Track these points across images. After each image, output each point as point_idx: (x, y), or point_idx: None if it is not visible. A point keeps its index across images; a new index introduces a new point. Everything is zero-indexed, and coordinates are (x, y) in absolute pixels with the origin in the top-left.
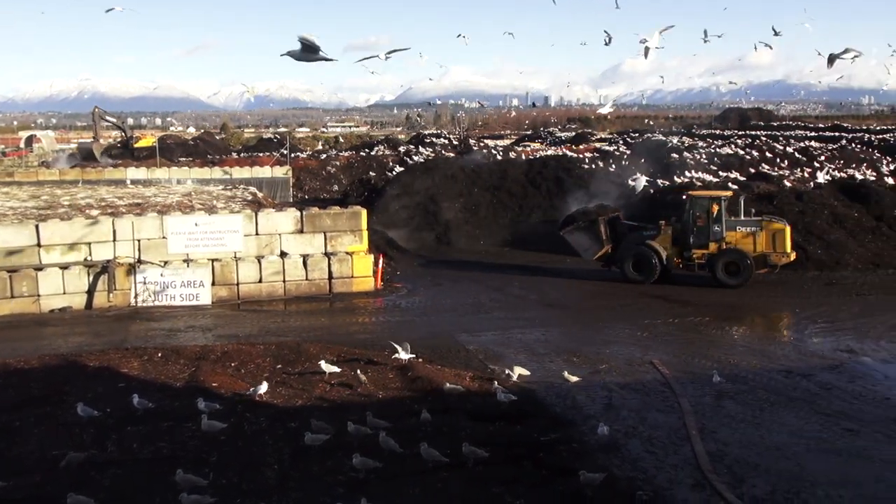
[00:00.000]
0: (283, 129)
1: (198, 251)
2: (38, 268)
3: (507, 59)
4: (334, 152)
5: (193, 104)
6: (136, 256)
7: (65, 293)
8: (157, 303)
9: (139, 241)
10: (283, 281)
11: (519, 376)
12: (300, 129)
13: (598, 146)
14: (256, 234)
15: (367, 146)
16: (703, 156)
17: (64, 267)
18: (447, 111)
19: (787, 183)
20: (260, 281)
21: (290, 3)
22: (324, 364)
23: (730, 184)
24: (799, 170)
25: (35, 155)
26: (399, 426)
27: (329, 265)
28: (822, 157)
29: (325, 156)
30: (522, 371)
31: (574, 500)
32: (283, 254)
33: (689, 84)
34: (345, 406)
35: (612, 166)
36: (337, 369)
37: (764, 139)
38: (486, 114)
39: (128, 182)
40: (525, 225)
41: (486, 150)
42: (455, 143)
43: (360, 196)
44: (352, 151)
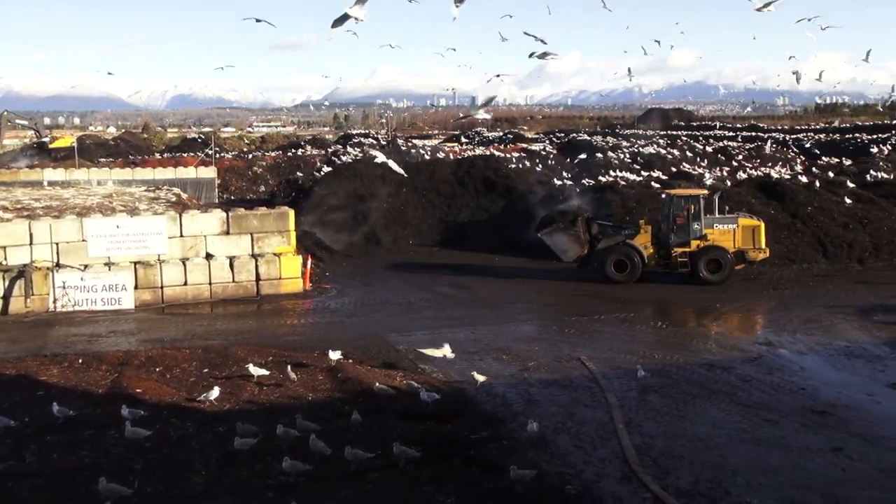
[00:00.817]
0: (207, 129)
1: (120, 254)
2: None
3: (435, 58)
4: (261, 152)
5: (114, 103)
6: (55, 260)
7: None
8: (77, 308)
9: (57, 244)
10: (210, 283)
11: (480, 383)
12: (225, 129)
13: (525, 146)
14: (181, 235)
15: (294, 146)
16: (627, 155)
17: None
18: (375, 111)
19: (706, 181)
20: (185, 284)
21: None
22: (252, 367)
23: (653, 183)
24: (718, 168)
25: None
26: (329, 428)
27: (256, 267)
28: (740, 157)
29: (251, 156)
30: (481, 377)
31: (505, 497)
32: (208, 256)
33: (612, 85)
34: (274, 409)
35: (539, 166)
36: (265, 372)
37: (685, 139)
38: (414, 113)
39: (45, 183)
40: (454, 224)
41: (414, 150)
42: (383, 143)
43: (287, 197)
44: (279, 151)
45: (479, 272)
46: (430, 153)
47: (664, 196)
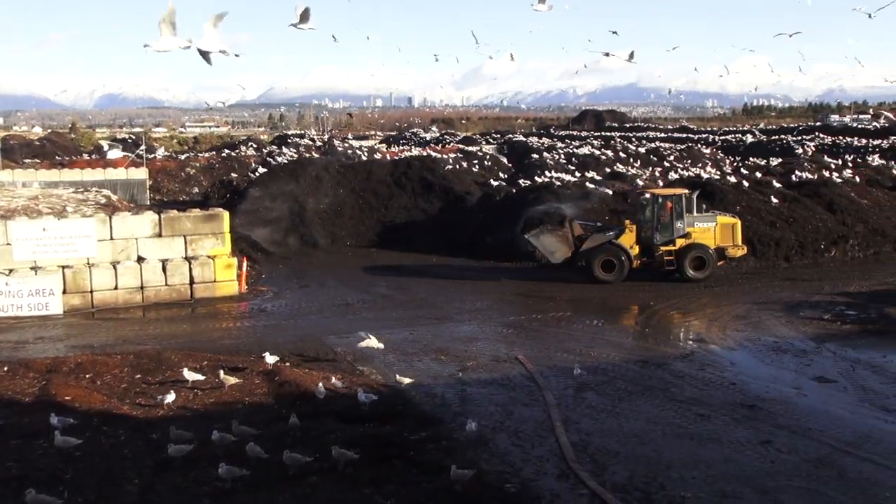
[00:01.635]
0: (138, 129)
1: (47, 258)
2: None
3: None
4: (193, 153)
5: (39, 102)
6: None
7: None
8: (2, 314)
9: None
10: (142, 287)
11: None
12: (156, 129)
13: (461, 147)
14: (111, 238)
15: (228, 146)
16: (562, 156)
17: None
18: (311, 111)
19: (639, 182)
20: (116, 288)
21: None
22: (186, 372)
23: (587, 183)
24: (651, 169)
25: None
26: (267, 432)
27: (190, 270)
28: (672, 157)
29: (184, 156)
30: (406, 379)
31: (444, 497)
32: (140, 259)
33: (547, 87)
34: (209, 414)
35: (476, 167)
36: (200, 377)
37: (618, 140)
38: (351, 114)
39: None
40: (391, 225)
41: (350, 151)
42: (319, 143)
43: (221, 198)
44: (212, 152)
45: (417, 273)
46: (366, 154)
47: (648, 196)
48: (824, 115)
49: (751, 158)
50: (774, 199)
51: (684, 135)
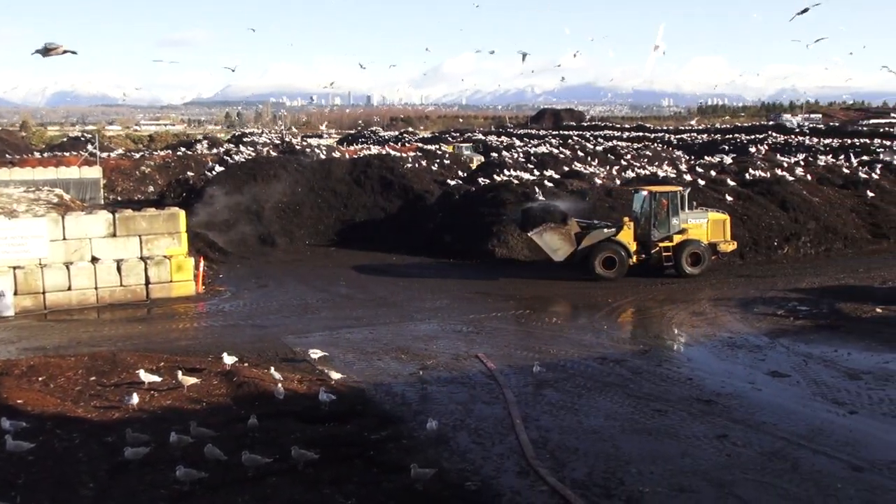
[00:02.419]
0: (91, 127)
1: None
2: None
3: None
4: (149, 151)
5: None
6: None
7: None
8: None
9: None
10: (96, 288)
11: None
12: (110, 127)
13: (420, 145)
14: (64, 238)
15: (184, 145)
16: (521, 154)
17: None
18: (268, 109)
19: (597, 180)
20: (69, 289)
21: None
22: (142, 373)
23: (545, 181)
24: (608, 167)
25: None
26: (225, 434)
27: (146, 270)
28: (629, 156)
29: (138, 155)
30: (336, 374)
31: (405, 496)
32: (94, 259)
33: (506, 85)
34: (166, 416)
35: (435, 165)
36: (157, 378)
37: (576, 138)
38: (309, 112)
39: None
40: (351, 224)
41: (309, 150)
42: (277, 142)
43: (178, 197)
44: (168, 150)
45: (376, 272)
46: (325, 153)
47: (646, 193)
48: (776, 115)
49: (705, 157)
50: (729, 197)
51: (641, 133)
